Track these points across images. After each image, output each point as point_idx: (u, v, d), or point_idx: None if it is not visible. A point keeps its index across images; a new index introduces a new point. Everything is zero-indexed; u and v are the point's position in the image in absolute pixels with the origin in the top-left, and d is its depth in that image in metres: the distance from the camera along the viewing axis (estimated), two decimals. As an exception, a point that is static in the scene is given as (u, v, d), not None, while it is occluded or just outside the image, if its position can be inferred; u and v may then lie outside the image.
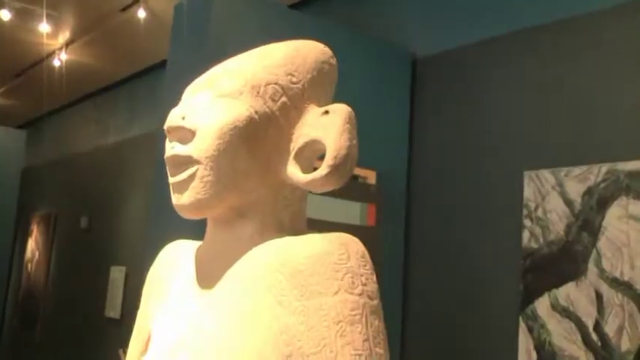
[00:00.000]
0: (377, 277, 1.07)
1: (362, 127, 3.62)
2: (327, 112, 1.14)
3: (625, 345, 2.73)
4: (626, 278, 2.76)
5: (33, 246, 8.23)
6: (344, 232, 2.77)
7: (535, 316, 3.01)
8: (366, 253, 1.07)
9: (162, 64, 4.08)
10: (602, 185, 2.89)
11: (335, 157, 1.08)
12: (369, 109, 3.52)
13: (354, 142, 1.13)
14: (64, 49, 5.78)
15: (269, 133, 1.13)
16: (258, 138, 1.11)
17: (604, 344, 2.79)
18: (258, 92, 1.12)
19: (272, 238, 1.11)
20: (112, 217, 6.42)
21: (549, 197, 3.04)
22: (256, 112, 1.11)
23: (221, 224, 1.17)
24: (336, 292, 0.99)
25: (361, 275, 1.02)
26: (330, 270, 1.00)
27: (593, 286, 2.85)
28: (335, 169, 1.08)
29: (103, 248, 6.48)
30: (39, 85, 6.34)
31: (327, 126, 1.12)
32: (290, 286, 1.00)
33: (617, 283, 2.79)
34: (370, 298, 1.02)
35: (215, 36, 2.94)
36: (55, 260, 7.66)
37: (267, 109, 1.12)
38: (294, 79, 1.16)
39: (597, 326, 2.82)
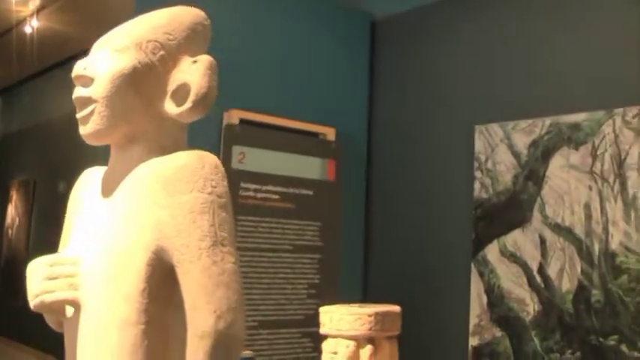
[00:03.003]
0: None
1: (322, 87, 3.79)
2: (195, 61, 1.45)
3: (565, 285, 2.93)
4: (567, 224, 2.95)
5: (13, 212, 8.29)
6: (305, 187, 2.97)
7: (485, 262, 3.21)
8: (220, 165, 1.37)
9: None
10: (546, 137, 3.07)
11: (197, 95, 1.41)
12: (330, 69, 3.67)
13: (214, 84, 1.44)
14: (35, 16, 5.81)
15: (150, 78, 1.44)
16: (142, 82, 1.43)
17: (547, 285, 2.99)
18: (141, 47, 1.44)
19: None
20: (89, 181, 6.49)
21: (498, 150, 3.22)
22: (139, 63, 1.43)
23: (118, 149, 1.49)
24: (191, 191, 1.30)
25: (212, 180, 1.33)
26: (188, 176, 1.31)
27: (538, 232, 3.04)
28: (196, 103, 1.41)
29: (81, 212, 6.56)
30: (11, 52, 6.36)
31: (194, 72, 1.43)
32: (161, 189, 1.33)
33: (558, 229, 2.98)
34: (219, 196, 1.32)
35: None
36: (35, 225, 7.75)
37: (148, 61, 1.44)
38: (171, 37, 1.48)
39: (541, 269, 3.02)
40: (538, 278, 3.02)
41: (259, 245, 3.24)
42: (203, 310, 1.24)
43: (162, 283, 1.31)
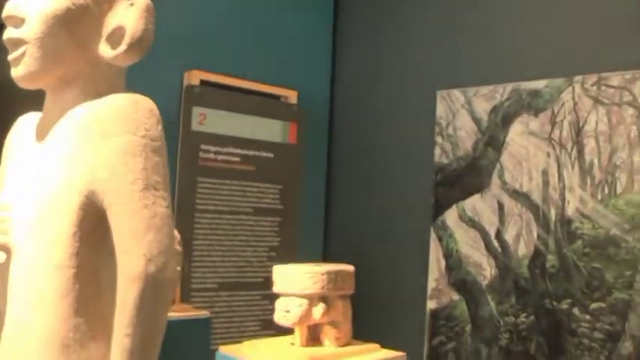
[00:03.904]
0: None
1: (285, 49, 3.75)
2: (132, 4, 1.43)
3: (522, 250, 2.97)
4: (524, 190, 2.98)
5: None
6: (266, 149, 2.86)
7: (444, 227, 3.23)
8: (155, 109, 1.36)
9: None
10: (507, 103, 3.08)
11: (132, 38, 1.39)
12: (293, 32, 3.64)
13: (150, 27, 1.42)
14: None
15: (85, 20, 1.41)
16: (76, 24, 1.40)
17: (504, 250, 3.03)
18: None
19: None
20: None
21: (459, 115, 3.23)
22: (74, 4, 1.39)
23: (52, 92, 1.46)
24: (124, 134, 1.29)
25: (146, 123, 1.32)
26: (122, 118, 1.31)
27: (496, 198, 3.07)
28: (131, 46, 1.40)
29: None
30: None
31: (130, 14, 1.41)
32: (95, 131, 1.31)
33: (516, 194, 3.01)
34: (152, 140, 1.32)
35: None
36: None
37: (82, 2, 1.41)
38: None
39: (498, 234, 3.05)
40: (495, 243, 3.06)
41: (219, 208, 3.23)
42: (133, 253, 1.23)
43: (94, 227, 1.30)
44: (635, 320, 2.62)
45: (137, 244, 1.23)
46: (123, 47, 1.40)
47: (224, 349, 2.04)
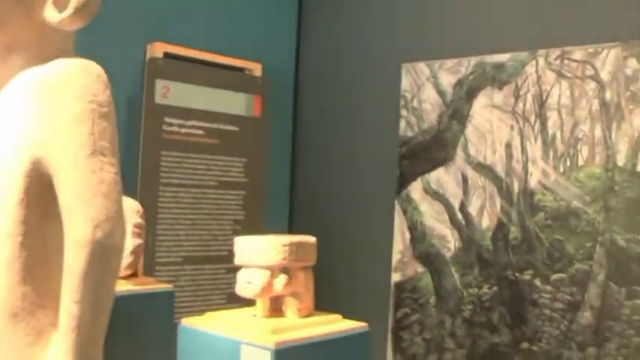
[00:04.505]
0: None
1: (249, 22, 3.71)
2: None
3: (485, 223, 2.99)
4: (488, 162, 3.00)
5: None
6: (231, 122, 2.75)
7: (409, 199, 3.24)
8: (103, 75, 1.33)
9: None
10: (471, 77, 3.09)
11: (78, 1, 1.37)
12: (257, 4, 3.61)
13: None
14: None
15: None
16: None
17: (468, 223, 3.05)
18: None
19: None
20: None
21: (424, 88, 3.23)
22: None
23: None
24: (71, 99, 1.27)
25: (93, 89, 1.30)
26: (68, 84, 1.28)
27: (460, 170, 3.08)
28: (77, 10, 1.38)
29: None
30: None
31: None
32: (41, 97, 1.29)
33: (480, 167, 3.02)
34: (100, 105, 1.30)
35: None
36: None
37: None
38: None
39: (462, 207, 3.07)
40: (459, 215, 3.08)
41: (183, 181, 3.20)
42: (80, 219, 1.21)
43: (41, 194, 1.29)
44: (594, 290, 2.66)
45: (84, 210, 1.21)
46: (69, 11, 1.37)
47: (186, 322, 2.03)
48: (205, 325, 1.97)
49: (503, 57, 2.99)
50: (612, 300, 2.63)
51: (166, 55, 3.17)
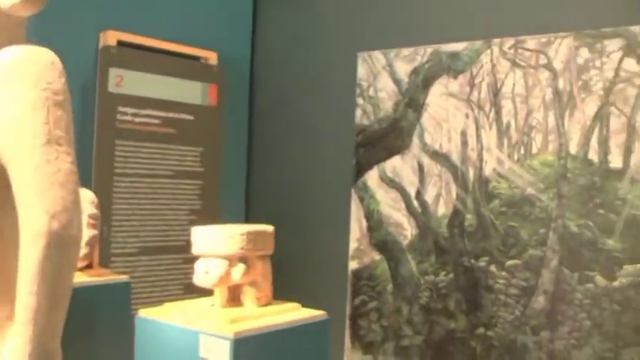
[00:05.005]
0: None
1: (204, 9, 3.67)
2: None
3: (441, 210, 3.02)
4: (444, 150, 3.03)
5: None
6: (186, 111, 2.83)
7: (365, 188, 3.26)
8: (57, 62, 1.31)
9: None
10: (427, 65, 3.11)
11: None
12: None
13: None
14: None
15: None
16: None
17: (424, 210, 3.07)
18: None
19: None
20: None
21: (380, 77, 3.24)
22: None
23: None
24: (24, 87, 1.25)
25: (47, 76, 1.28)
26: (22, 71, 1.26)
27: (416, 159, 3.10)
28: None
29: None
30: None
31: None
32: None
33: (436, 155, 3.05)
34: (55, 94, 1.27)
35: None
36: None
37: None
38: None
39: (418, 195, 3.09)
40: (415, 203, 3.10)
41: (139, 171, 3.17)
42: (36, 210, 1.19)
43: None
44: (547, 276, 2.71)
45: (40, 200, 1.19)
46: None
47: (144, 313, 2.02)
48: (163, 316, 1.96)
49: (458, 46, 3.01)
50: (565, 285, 2.68)
51: (120, 43, 3.12)
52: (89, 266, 2.46)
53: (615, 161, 2.59)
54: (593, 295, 2.61)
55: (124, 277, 2.55)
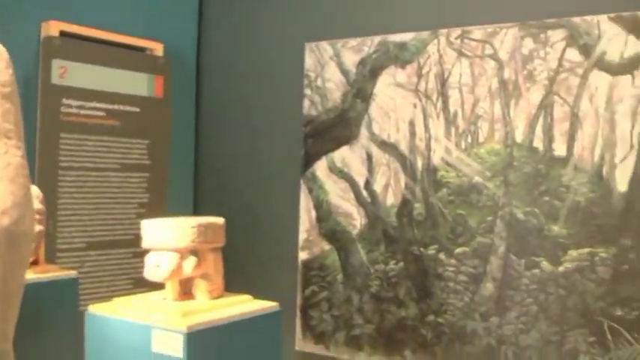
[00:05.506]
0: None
1: (148, 0, 3.60)
2: None
3: (390, 200, 3.04)
4: (392, 140, 3.04)
5: None
6: (132, 103, 2.85)
7: (314, 178, 3.26)
8: (4, 52, 1.29)
9: None
10: (375, 56, 3.12)
11: None
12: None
13: None
14: None
15: None
16: None
17: (373, 200, 3.09)
18: None
19: None
20: None
21: (328, 67, 3.24)
22: None
23: None
24: None
25: None
26: None
27: (365, 149, 3.12)
28: None
29: None
30: None
31: None
32: None
33: (384, 145, 3.07)
34: (2, 85, 1.25)
35: None
36: None
37: None
38: None
39: (367, 185, 3.11)
40: (364, 193, 3.11)
41: (84, 164, 3.11)
42: None
43: None
44: (495, 263, 2.76)
45: None
46: None
47: (94, 308, 1.99)
48: (114, 312, 1.94)
49: (405, 36, 3.03)
50: (512, 271, 2.73)
51: (63, 33, 3.05)
52: (35, 262, 2.42)
53: (559, 149, 2.64)
54: (539, 280, 2.66)
55: (71, 273, 2.51)
